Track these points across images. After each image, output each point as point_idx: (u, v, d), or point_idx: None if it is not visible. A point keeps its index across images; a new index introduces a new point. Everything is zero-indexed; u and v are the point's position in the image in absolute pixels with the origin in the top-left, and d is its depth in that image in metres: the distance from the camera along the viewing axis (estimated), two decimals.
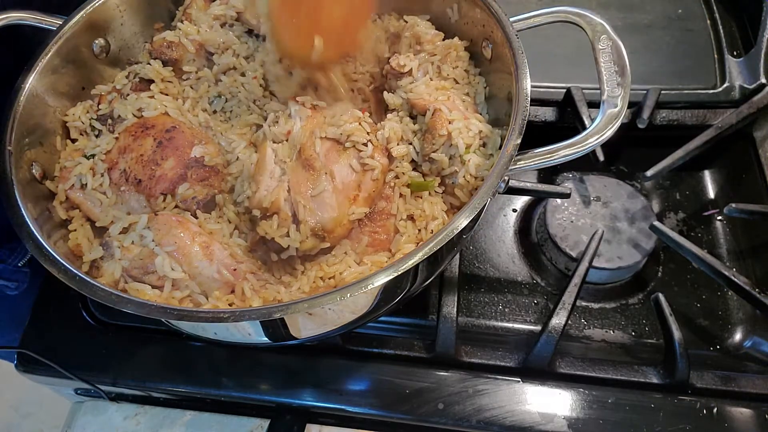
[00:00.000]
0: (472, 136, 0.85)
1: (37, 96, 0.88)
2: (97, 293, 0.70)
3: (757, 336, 1.04)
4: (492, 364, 0.97)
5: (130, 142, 0.88)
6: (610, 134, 0.77)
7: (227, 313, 0.67)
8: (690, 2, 1.37)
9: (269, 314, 0.66)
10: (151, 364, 0.99)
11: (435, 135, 0.85)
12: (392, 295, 0.81)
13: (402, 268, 0.67)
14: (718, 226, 1.18)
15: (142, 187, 0.85)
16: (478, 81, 0.98)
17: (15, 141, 0.83)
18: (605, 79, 0.82)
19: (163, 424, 0.99)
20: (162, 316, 0.70)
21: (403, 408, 0.93)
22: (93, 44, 0.96)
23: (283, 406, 0.96)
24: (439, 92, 0.91)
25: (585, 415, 0.91)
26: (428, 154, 0.86)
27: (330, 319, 0.77)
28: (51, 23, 0.94)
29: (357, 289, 0.66)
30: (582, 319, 1.08)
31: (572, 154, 0.78)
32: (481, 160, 0.84)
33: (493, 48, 0.93)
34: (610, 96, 0.80)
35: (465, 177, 0.84)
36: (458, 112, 0.87)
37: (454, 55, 0.97)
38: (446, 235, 0.69)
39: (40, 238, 0.74)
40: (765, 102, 1.17)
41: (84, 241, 0.85)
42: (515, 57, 0.84)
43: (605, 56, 0.84)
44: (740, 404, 0.91)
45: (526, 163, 0.77)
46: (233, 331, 0.77)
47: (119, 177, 0.86)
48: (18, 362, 1.01)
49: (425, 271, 0.83)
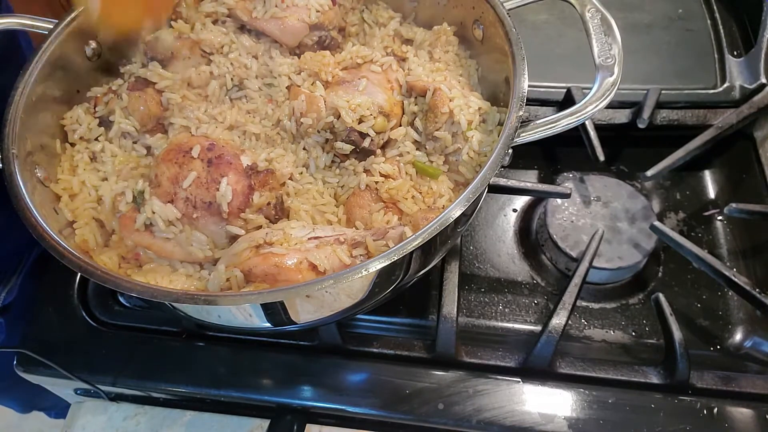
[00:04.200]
0: (473, 112, 0.88)
1: (34, 99, 0.88)
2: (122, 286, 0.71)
3: (758, 336, 1.04)
4: (492, 364, 0.97)
5: (178, 169, 0.83)
6: (608, 101, 0.79)
7: (228, 296, 0.68)
8: (690, 2, 1.37)
9: (270, 297, 0.67)
10: (151, 364, 0.99)
11: (437, 113, 0.88)
12: (390, 276, 0.80)
13: (404, 251, 0.68)
14: (718, 226, 1.18)
15: (214, 209, 0.82)
16: (470, 64, 1.00)
17: (17, 144, 0.82)
18: (597, 49, 0.84)
19: (163, 424, 0.99)
20: (167, 300, 0.70)
21: (403, 408, 0.93)
22: (85, 48, 0.96)
23: (283, 406, 0.96)
24: (436, 73, 0.94)
25: (585, 416, 0.91)
26: (431, 132, 0.89)
27: (327, 302, 0.77)
28: (43, 28, 0.93)
29: (353, 274, 0.67)
30: (582, 319, 1.08)
31: (573, 122, 0.79)
32: (483, 136, 0.87)
33: (484, 29, 0.95)
34: (604, 64, 0.82)
35: (468, 153, 0.86)
36: (457, 90, 0.90)
37: (444, 39, 1.01)
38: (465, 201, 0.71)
39: (57, 237, 0.74)
40: (765, 102, 1.17)
41: (90, 236, 0.85)
42: (508, 34, 0.86)
43: (595, 28, 0.86)
44: (740, 404, 0.91)
45: (529, 134, 0.79)
46: (236, 314, 0.78)
47: (185, 206, 0.82)
48: (18, 362, 1.01)
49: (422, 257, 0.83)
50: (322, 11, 0.98)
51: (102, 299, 1.07)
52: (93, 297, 1.07)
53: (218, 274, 0.77)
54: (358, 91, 0.90)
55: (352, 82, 0.92)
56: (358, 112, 0.87)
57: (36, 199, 0.80)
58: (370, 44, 1.03)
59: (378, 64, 0.96)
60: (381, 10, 1.07)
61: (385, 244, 0.76)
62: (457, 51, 1.02)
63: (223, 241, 0.84)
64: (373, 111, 0.88)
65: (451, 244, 0.90)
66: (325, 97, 0.91)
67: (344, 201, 0.89)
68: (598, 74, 0.82)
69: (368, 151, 0.89)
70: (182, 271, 0.84)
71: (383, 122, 0.89)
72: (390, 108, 0.90)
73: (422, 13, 1.06)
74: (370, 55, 0.97)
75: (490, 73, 0.96)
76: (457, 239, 1.12)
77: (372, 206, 0.86)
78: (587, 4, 0.88)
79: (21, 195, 0.78)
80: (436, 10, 1.03)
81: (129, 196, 0.84)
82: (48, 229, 0.75)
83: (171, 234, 0.82)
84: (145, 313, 1.05)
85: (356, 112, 0.87)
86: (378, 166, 0.88)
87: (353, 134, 0.87)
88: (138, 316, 1.05)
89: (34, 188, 0.83)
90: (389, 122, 0.90)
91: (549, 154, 1.27)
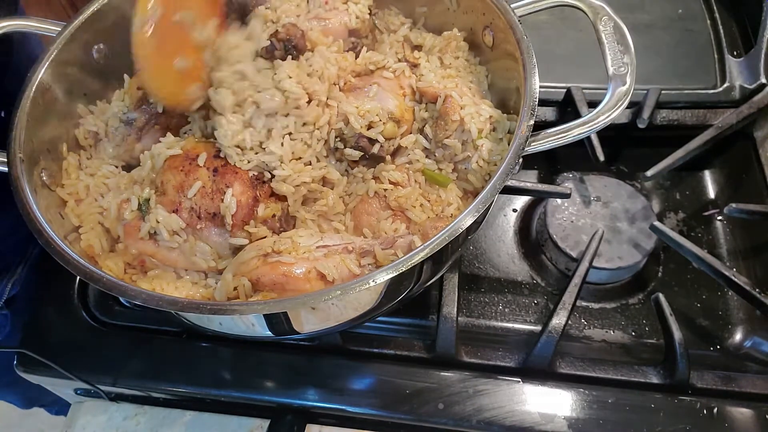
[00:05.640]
0: (483, 120, 0.87)
1: (41, 103, 0.87)
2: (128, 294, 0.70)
3: (758, 336, 1.04)
4: (492, 364, 0.97)
5: (183, 177, 0.82)
6: (620, 111, 0.78)
7: (235, 306, 0.68)
8: (690, 2, 1.37)
9: (273, 308, 0.67)
10: (151, 364, 0.99)
11: (448, 121, 0.87)
12: (398, 287, 0.80)
13: (410, 262, 0.67)
14: (718, 226, 1.18)
15: (218, 220, 0.81)
16: (479, 70, 0.99)
17: (24, 148, 0.82)
18: (610, 58, 0.83)
19: (163, 424, 0.99)
20: (171, 309, 0.69)
21: (404, 408, 0.93)
22: (92, 50, 0.96)
23: (284, 406, 0.96)
24: (447, 80, 0.93)
25: (585, 415, 0.91)
26: (441, 140, 0.88)
27: (333, 314, 0.77)
28: (50, 30, 0.93)
29: (360, 285, 0.66)
30: (582, 319, 1.08)
31: (585, 132, 0.78)
32: (493, 145, 0.86)
33: (495, 35, 0.94)
34: (617, 74, 0.81)
35: (478, 162, 0.85)
36: (468, 98, 0.89)
37: (454, 45, 0.99)
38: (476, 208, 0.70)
39: (62, 243, 0.73)
40: (765, 102, 1.16)
41: (95, 241, 0.84)
42: (519, 41, 0.85)
43: (608, 36, 0.85)
44: (740, 404, 0.91)
45: (540, 144, 0.78)
46: (238, 323, 0.78)
47: (189, 215, 0.82)
48: (18, 362, 1.01)
49: (431, 267, 0.83)
50: (361, 18, 0.98)
51: (102, 299, 1.07)
52: (93, 297, 1.07)
53: (226, 283, 0.77)
54: (368, 98, 0.90)
55: (363, 88, 0.92)
56: (367, 118, 0.86)
57: (42, 203, 0.80)
58: (380, 50, 1.02)
59: (391, 70, 0.95)
60: (392, 16, 1.06)
61: (393, 253, 0.76)
62: (467, 57, 1.00)
63: (227, 252, 0.83)
64: (383, 117, 0.87)
65: (460, 253, 0.90)
66: (337, 103, 0.90)
67: (352, 208, 0.88)
68: (610, 83, 0.80)
69: (378, 157, 0.88)
70: (188, 279, 0.83)
71: (393, 128, 0.88)
72: (401, 114, 0.89)
73: (432, 19, 1.05)
74: (383, 61, 0.96)
75: (500, 80, 0.96)
76: (466, 248, 1.12)
77: (380, 214, 0.86)
78: (600, 12, 0.86)
79: (26, 200, 0.77)
80: (446, 16, 1.02)
81: (134, 204, 0.83)
82: (53, 235, 0.74)
83: (175, 243, 0.82)
84: (145, 313, 1.05)
85: (365, 118, 0.86)
86: (387, 173, 0.87)
87: (362, 140, 0.86)
88: (138, 316, 1.05)
89: (40, 193, 0.82)
90: (399, 128, 0.89)
91: (549, 153, 1.27)
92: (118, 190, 0.88)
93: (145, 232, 0.81)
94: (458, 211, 0.87)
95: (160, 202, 0.82)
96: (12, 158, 0.80)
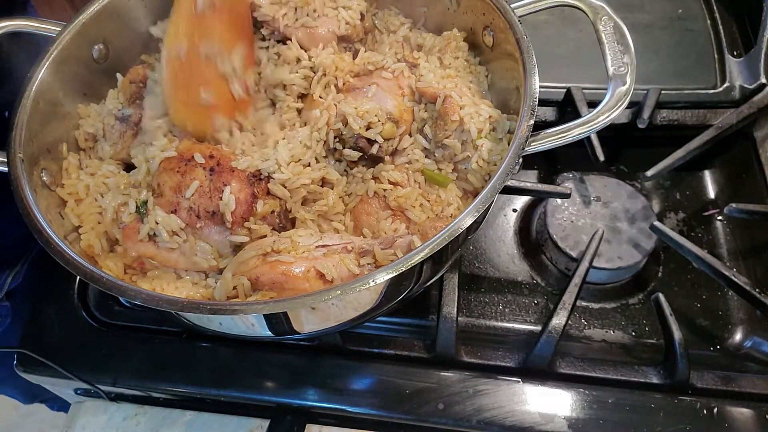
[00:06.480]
0: (483, 120, 0.87)
1: (41, 103, 0.87)
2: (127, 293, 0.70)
3: (758, 336, 1.04)
4: (492, 364, 0.97)
5: (180, 178, 0.82)
6: (620, 111, 0.78)
7: (234, 305, 0.68)
8: (690, 2, 1.38)
9: (273, 308, 0.67)
10: (151, 364, 0.99)
11: (447, 121, 0.87)
12: (398, 288, 0.80)
13: (409, 262, 0.67)
14: (718, 226, 1.18)
15: (218, 219, 0.81)
16: (479, 70, 0.99)
17: (24, 148, 0.82)
18: (610, 58, 0.83)
19: (163, 424, 0.99)
20: (171, 309, 0.69)
21: (404, 408, 0.93)
22: (92, 50, 0.96)
23: (284, 406, 0.96)
24: (447, 80, 0.93)
25: (585, 415, 0.91)
26: (441, 140, 0.88)
27: (333, 314, 0.77)
28: (50, 30, 0.93)
29: (360, 285, 0.66)
30: (582, 319, 1.08)
31: (585, 132, 0.78)
32: (492, 145, 0.86)
33: (495, 35, 0.94)
34: (617, 74, 0.81)
35: (478, 162, 0.85)
36: (468, 98, 0.89)
37: (454, 45, 0.99)
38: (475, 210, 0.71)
39: (62, 243, 0.73)
40: (765, 102, 1.16)
41: (95, 241, 0.84)
42: (519, 41, 0.85)
43: (608, 36, 0.85)
44: (740, 404, 0.91)
45: (540, 144, 0.78)
46: (238, 323, 0.77)
47: (188, 215, 0.82)
48: (18, 362, 1.01)
49: (431, 267, 0.83)
50: (351, 24, 0.98)
51: (102, 299, 1.07)
52: (93, 297, 1.07)
53: (225, 282, 0.77)
54: (366, 98, 0.90)
55: (362, 89, 0.92)
56: (366, 119, 0.86)
57: (42, 203, 0.80)
58: (380, 50, 1.02)
59: (390, 71, 0.95)
60: (392, 16, 1.06)
61: (393, 253, 0.76)
62: (467, 57, 1.00)
63: (228, 250, 0.83)
64: (381, 117, 0.87)
65: (460, 253, 0.90)
66: (336, 103, 0.90)
67: (351, 208, 0.88)
68: (610, 83, 0.80)
69: (377, 158, 0.88)
70: (188, 279, 0.83)
71: (392, 128, 0.88)
72: (399, 114, 0.89)
73: (432, 19, 1.06)
74: (382, 62, 0.96)
75: (500, 80, 0.96)
76: (466, 248, 1.12)
77: (380, 214, 0.86)
78: (600, 12, 0.87)
79: (26, 200, 0.77)
80: (446, 16, 1.02)
81: (132, 206, 0.83)
82: (53, 235, 0.74)
83: (175, 244, 0.82)
84: (145, 313, 1.05)
85: (364, 119, 0.86)
86: (387, 173, 0.87)
87: (361, 141, 0.87)
88: (138, 316, 1.05)
89: (40, 193, 0.82)
90: (398, 128, 0.89)
91: (549, 153, 1.27)
92: (117, 191, 0.88)
93: (144, 233, 0.81)
94: (458, 211, 0.87)
95: (158, 203, 0.82)
96: (12, 158, 0.80)
